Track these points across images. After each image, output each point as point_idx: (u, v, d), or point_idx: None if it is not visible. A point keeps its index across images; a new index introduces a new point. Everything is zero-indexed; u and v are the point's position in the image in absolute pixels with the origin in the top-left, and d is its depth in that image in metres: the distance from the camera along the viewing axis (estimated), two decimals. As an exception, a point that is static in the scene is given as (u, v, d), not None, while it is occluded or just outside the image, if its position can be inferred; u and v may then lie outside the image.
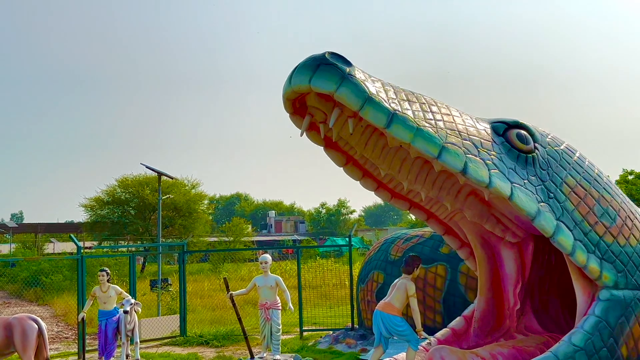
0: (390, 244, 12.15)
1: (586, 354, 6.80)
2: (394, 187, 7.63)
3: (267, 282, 10.61)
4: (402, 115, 6.13)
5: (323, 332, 13.46)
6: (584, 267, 6.97)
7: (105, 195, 38.26)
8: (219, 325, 14.79)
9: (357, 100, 5.93)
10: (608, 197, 7.53)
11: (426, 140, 6.19)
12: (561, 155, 7.56)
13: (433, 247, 11.22)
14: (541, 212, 6.80)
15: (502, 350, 7.45)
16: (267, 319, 10.54)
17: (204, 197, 41.57)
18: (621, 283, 7.13)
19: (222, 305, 17.70)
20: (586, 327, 6.92)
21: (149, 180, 36.52)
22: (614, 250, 7.19)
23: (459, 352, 7.20)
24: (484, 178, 6.46)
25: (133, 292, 13.28)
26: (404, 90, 6.61)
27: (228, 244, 44.57)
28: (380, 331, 7.54)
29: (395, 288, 7.62)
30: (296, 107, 6.57)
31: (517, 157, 7.10)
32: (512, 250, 8.20)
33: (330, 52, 6.09)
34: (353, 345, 11.52)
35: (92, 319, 13.90)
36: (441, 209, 7.88)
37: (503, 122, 7.37)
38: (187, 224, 38.40)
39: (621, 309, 7.07)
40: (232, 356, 11.46)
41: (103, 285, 10.74)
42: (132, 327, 10.77)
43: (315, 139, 6.93)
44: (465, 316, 8.45)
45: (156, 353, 12.10)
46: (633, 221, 7.63)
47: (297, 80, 6.04)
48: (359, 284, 12.61)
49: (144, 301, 14.49)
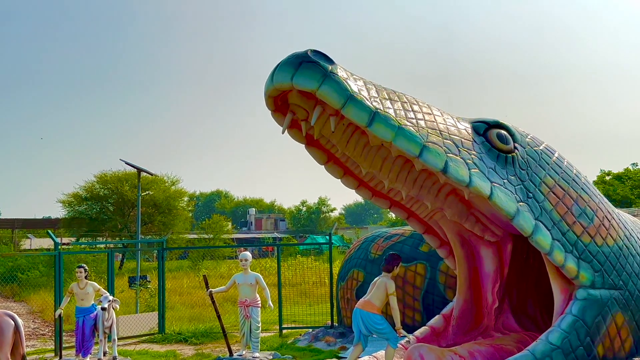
0: (371, 243, 12.17)
1: (563, 352, 6.88)
2: (375, 186, 7.65)
3: (246, 280, 10.58)
4: (383, 114, 6.15)
5: (302, 329, 13.44)
6: (562, 266, 7.05)
7: (84, 191, 37.92)
8: (198, 322, 14.71)
9: (339, 98, 5.94)
10: (586, 197, 7.62)
11: (407, 139, 6.21)
12: (540, 156, 7.63)
13: (413, 245, 11.27)
14: (520, 211, 6.86)
15: (480, 349, 7.50)
16: (247, 316, 10.51)
17: (183, 194, 41.39)
18: (598, 282, 7.22)
19: (201, 303, 17.61)
20: (563, 325, 7.00)
21: (128, 177, 36.25)
22: (591, 250, 7.27)
23: (438, 350, 7.24)
24: (464, 177, 6.51)
25: (111, 288, 13.16)
26: (386, 89, 6.62)
27: (208, 241, 44.41)
28: (359, 329, 7.55)
29: (375, 286, 7.64)
30: (278, 105, 6.56)
31: (497, 157, 7.15)
32: (491, 249, 8.27)
33: (312, 50, 6.08)
34: (332, 343, 11.53)
35: (69, 315, 13.75)
36: (421, 207, 7.92)
37: (483, 122, 7.42)
38: (167, 220, 38.20)
39: (598, 308, 7.16)
40: (211, 354, 11.40)
41: (81, 282, 10.64)
42: (109, 324, 10.67)
43: (296, 137, 6.93)
44: (444, 314, 8.50)
45: (134, 350, 12.00)
46: (610, 221, 7.72)
47: (279, 77, 6.03)
48: (339, 282, 12.63)
49: (122, 298, 14.37)
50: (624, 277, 7.50)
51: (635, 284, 7.63)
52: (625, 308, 7.43)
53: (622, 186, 35.18)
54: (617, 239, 7.63)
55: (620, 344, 7.39)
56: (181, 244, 38.56)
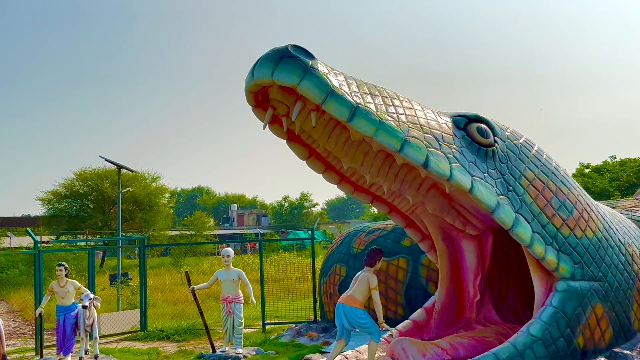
0: (353, 237, 12.19)
1: (544, 344, 6.95)
2: (357, 181, 7.66)
3: (229, 276, 10.56)
4: (364, 109, 6.15)
5: (285, 325, 13.45)
6: (542, 258, 7.11)
7: (63, 189, 37.60)
8: (181, 319, 14.65)
9: (320, 93, 5.93)
10: (565, 190, 7.69)
11: (388, 134, 6.22)
12: (520, 149, 7.68)
13: (395, 239, 11.30)
14: (500, 205, 6.91)
15: (462, 341, 7.56)
16: (229, 312, 10.49)
17: (165, 190, 41.18)
18: (578, 274, 7.30)
19: (183, 300, 17.54)
20: (544, 317, 7.07)
21: (108, 174, 36.01)
22: (571, 242, 7.35)
23: (420, 344, 7.28)
24: (445, 171, 6.54)
25: (92, 286, 13.07)
26: (367, 83, 6.63)
27: (190, 237, 44.27)
28: (342, 324, 7.57)
29: (357, 281, 7.65)
30: (259, 100, 6.54)
31: (477, 151, 7.19)
32: (472, 243, 8.32)
33: (292, 45, 6.06)
34: (315, 338, 11.54)
35: (50, 314, 13.63)
36: (403, 202, 7.95)
37: (464, 116, 7.46)
38: (148, 217, 37.99)
39: (578, 300, 7.24)
40: (194, 350, 11.37)
41: (61, 280, 10.55)
42: (91, 322, 10.60)
43: (277, 132, 6.91)
44: (426, 308, 8.55)
45: (116, 348, 11.92)
46: (589, 213, 7.81)
47: (259, 73, 6.01)
48: (322, 277, 12.64)
49: (104, 296, 14.27)
50: (603, 268, 7.59)
51: (614, 275, 7.73)
52: (605, 299, 7.53)
53: (600, 179, 35.54)
54: (596, 231, 7.72)
55: (600, 335, 7.48)
56: (163, 240, 38.38)
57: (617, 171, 36.07)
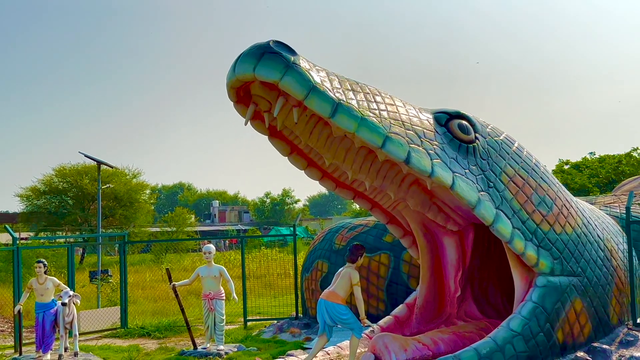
0: (335, 233, 12.20)
1: (524, 338, 7.01)
2: (339, 177, 7.67)
3: (210, 273, 10.52)
4: (346, 105, 6.15)
5: (267, 321, 13.43)
6: (522, 254, 7.17)
7: (42, 185, 37.15)
8: (161, 316, 14.57)
9: (302, 89, 5.92)
10: (545, 186, 7.76)
11: (370, 130, 6.23)
12: (500, 146, 7.74)
13: (377, 235, 11.33)
14: (481, 201, 6.96)
15: (443, 336, 7.61)
16: (211, 309, 10.46)
17: (145, 186, 40.83)
18: (557, 270, 7.37)
19: (164, 296, 17.45)
20: (524, 312, 7.13)
21: (88, 170, 35.64)
22: (551, 238, 7.42)
23: (402, 339, 7.31)
24: (427, 167, 6.56)
25: (71, 283, 12.95)
26: (349, 80, 6.63)
27: (171, 234, 43.97)
28: (324, 320, 7.57)
29: (339, 277, 7.66)
30: (240, 96, 6.51)
31: (458, 147, 7.23)
32: (453, 239, 8.37)
33: (274, 41, 6.05)
34: (297, 334, 11.54)
35: (29, 311, 13.49)
36: (385, 198, 7.97)
37: (445, 112, 7.49)
38: (128, 214, 37.68)
39: (557, 295, 7.32)
40: (175, 347, 11.30)
41: (40, 277, 10.45)
42: (70, 319, 10.50)
43: (259, 128, 6.89)
44: (408, 304, 8.58)
45: (96, 346, 11.83)
46: (569, 209, 7.89)
47: (241, 68, 5.98)
48: (304, 273, 12.64)
49: (83, 293, 14.16)
50: (582, 264, 7.67)
51: (593, 271, 7.82)
52: (584, 294, 7.61)
53: (580, 175, 35.91)
54: (575, 227, 7.80)
55: (580, 330, 7.57)
56: (143, 237, 38.06)
57: (596, 168, 36.46)
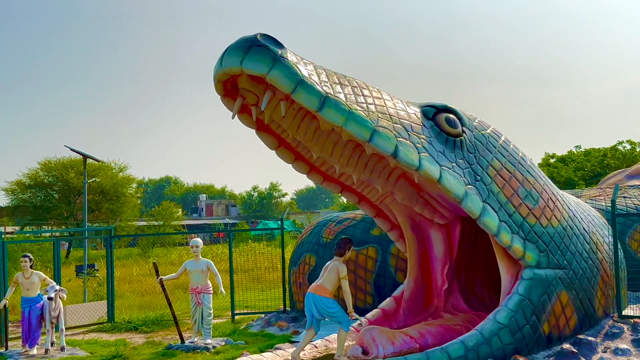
0: (322, 227, 12.21)
1: (510, 331, 7.06)
2: (326, 170, 7.66)
3: (198, 266, 10.50)
4: (334, 99, 6.14)
5: (255, 315, 13.41)
6: (509, 247, 7.22)
7: (27, 179, 36.88)
8: (149, 310, 14.52)
9: (289, 82, 5.90)
10: (531, 180, 7.80)
11: (358, 124, 6.23)
12: (487, 139, 7.76)
13: (364, 229, 11.35)
14: (468, 194, 6.99)
15: (431, 329, 7.64)
16: (198, 303, 10.44)
17: (131, 180, 40.63)
18: (543, 262, 7.42)
19: (151, 291, 17.38)
20: (510, 305, 7.18)
21: (74, 163, 35.40)
22: (537, 231, 7.47)
23: (389, 332, 7.34)
24: (414, 161, 6.58)
25: (58, 278, 12.87)
26: (336, 73, 6.62)
27: (157, 228, 43.81)
28: (312, 313, 7.57)
29: (327, 270, 7.66)
30: (227, 89, 6.49)
31: (445, 141, 7.25)
32: (441, 232, 8.40)
33: (262, 34, 6.02)
34: (285, 328, 11.54)
35: (14, 306, 13.38)
36: (372, 191, 7.98)
37: (432, 106, 7.51)
38: (115, 208, 37.48)
39: (543, 288, 7.37)
40: (162, 341, 11.27)
41: (26, 272, 10.39)
42: (56, 314, 10.46)
43: (247, 122, 6.87)
44: (395, 297, 8.62)
45: (83, 340, 11.77)
46: (555, 203, 7.94)
47: (228, 62, 5.95)
48: (291, 266, 12.63)
49: (70, 287, 14.07)
50: (568, 256, 7.73)
51: (579, 264, 7.88)
52: (570, 287, 7.67)
53: (565, 168, 36.18)
54: (561, 220, 7.86)
55: (565, 322, 7.63)
56: (130, 231, 37.91)
57: (582, 161, 36.75)
